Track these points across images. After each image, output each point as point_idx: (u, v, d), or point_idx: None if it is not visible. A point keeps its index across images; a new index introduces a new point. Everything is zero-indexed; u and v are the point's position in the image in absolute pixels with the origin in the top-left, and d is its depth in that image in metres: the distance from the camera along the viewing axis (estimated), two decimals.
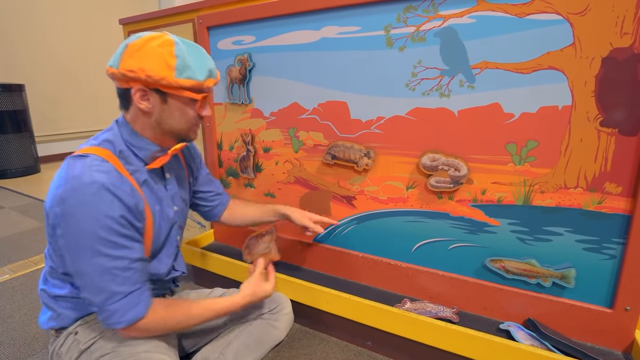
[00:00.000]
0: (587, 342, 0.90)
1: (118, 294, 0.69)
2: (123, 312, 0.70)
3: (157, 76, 0.70)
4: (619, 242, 0.83)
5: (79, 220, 0.66)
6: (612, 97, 0.78)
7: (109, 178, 0.69)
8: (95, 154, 0.72)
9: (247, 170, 1.34)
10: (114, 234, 0.68)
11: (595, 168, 0.82)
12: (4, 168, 3.35)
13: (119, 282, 0.69)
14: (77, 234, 0.67)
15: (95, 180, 0.67)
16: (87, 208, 0.66)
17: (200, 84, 0.74)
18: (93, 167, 0.69)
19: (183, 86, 0.73)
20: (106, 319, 0.70)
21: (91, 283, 0.68)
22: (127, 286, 0.70)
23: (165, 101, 0.75)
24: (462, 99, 0.92)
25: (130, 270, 0.70)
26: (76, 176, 0.67)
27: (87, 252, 0.67)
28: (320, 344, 1.13)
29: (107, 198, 0.67)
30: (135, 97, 0.73)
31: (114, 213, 0.68)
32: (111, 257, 0.68)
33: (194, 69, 0.72)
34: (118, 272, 0.69)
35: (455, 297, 1.03)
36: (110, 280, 0.68)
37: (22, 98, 3.38)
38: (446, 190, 0.98)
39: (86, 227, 0.66)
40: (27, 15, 3.76)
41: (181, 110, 0.77)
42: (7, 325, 1.24)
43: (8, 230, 2.13)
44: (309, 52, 1.11)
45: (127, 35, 1.65)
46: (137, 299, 0.71)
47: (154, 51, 0.71)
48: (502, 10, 0.84)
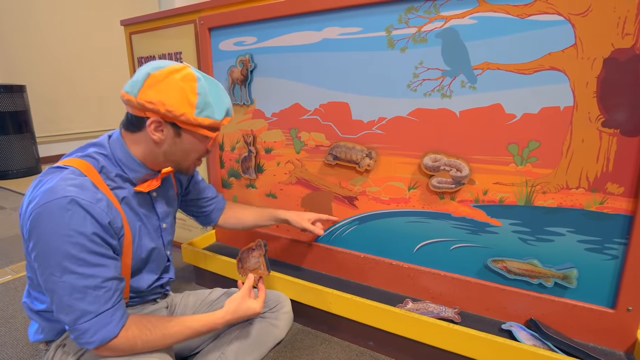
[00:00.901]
0: (589, 342, 0.90)
1: (89, 313, 0.65)
2: (94, 332, 0.66)
3: (177, 112, 0.70)
4: (621, 242, 0.83)
5: (50, 236, 0.63)
6: (614, 97, 0.78)
7: (83, 193, 0.66)
8: (74, 167, 0.70)
9: (248, 171, 1.35)
10: (84, 252, 0.65)
11: (597, 168, 0.82)
12: (6, 169, 3.35)
13: (90, 301, 0.66)
14: (47, 250, 0.64)
15: (68, 195, 0.64)
16: (58, 224, 0.63)
17: (218, 124, 0.75)
18: (68, 180, 0.67)
19: (201, 124, 0.73)
20: (77, 338, 0.67)
21: (61, 301, 0.65)
22: (98, 305, 0.66)
23: (179, 135, 0.75)
24: (463, 100, 0.92)
25: (102, 289, 0.67)
26: (50, 189, 0.65)
27: (57, 270, 0.64)
28: (322, 344, 1.13)
29: (79, 214, 0.65)
30: (150, 128, 0.73)
31: (85, 229, 0.65)
32: (82, 276, 0.65)
33: (213, 108, 0.73)
34: (89, 290, 0.65)
35: (457, 297, 1.03)
36: (80, 299, 0.65)
37: (23, 99, 3.38)
38: (448, 190, 0.98)
39: (57, 244, 0.63)
40: (28, 16, 3.77)
41: (193, 145, 0.77)
42: (10, 325, 1.25)
43: (10, 230, 2.13)
44: (310, 53, 1.11)
45: (128, 36, 1.65)
46: (109, 319, 0.67)
47: (177, 85, 0.70)
48: (504, 11, 0.84)
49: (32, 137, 3.51)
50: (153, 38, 1.56)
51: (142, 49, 1.62)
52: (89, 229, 0.65)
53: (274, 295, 1.05)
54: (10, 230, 2.14)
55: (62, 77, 4.10)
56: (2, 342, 1.16)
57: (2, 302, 1.38)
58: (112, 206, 0.72)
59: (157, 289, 0.92)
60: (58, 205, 0.63)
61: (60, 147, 4.20)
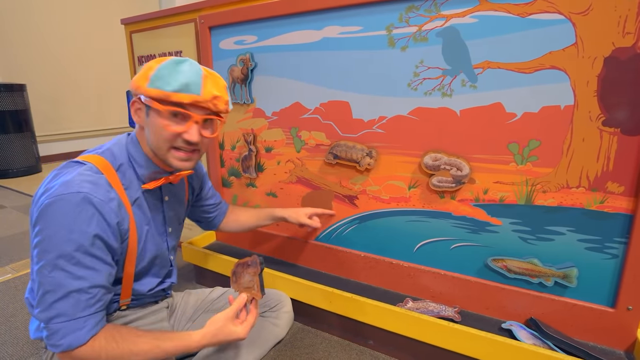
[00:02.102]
0: (589, 341, 0.90)
1: (64, 314, 0.63)
2: (63, 335, 0.64)
3: (135, 85, 0.71)
4: (621, 241, 0.83)
5: (53, 228, 0.63)
6: (614, 96, 0.78)
7: (96, 191, 0.66)
8: (92, 163, 0.71)
9: (249, 170, 1.35)
10: (81, 252, 0.64)
11: (597, 168, 0.82)
12: (6, 168, 3.35)
13: (70, 303, 0.64)
14: (47, 241, 0.63)
15: (81, 191, 0.64)
16: (65, 218, 0.63)
17: (166, 95, 0.69)
18: (84, 176, 0.67)
19: (150, 95, 0.70)
20: (47, 338, 0.64)
21: (43, 295, 0.64)
22: (76, 309, 0.64)
23: (148, 114, 0.73)
24: (464, 99, 0.92)
25: (86, 294, 0.65)
26: (66, 182, 0.65)
27: (50, 263, 0.63)
28: (322, 343, 1.13)
29: (87, 212, 0.64)
30: (132, 109, 0.74)
31: (89, 229, 0.64)
32: (71, 275, 0.64)
33: (165, 80, 0.69)
34: (73, 293, 0.64)
35: (457, 296, 1.03)
36: (61, 299, 0.63)
37: (24, 98, 3.38)
38: (448, 189, 0.98)
39: (57, 237, 0.63)
40: (28, 15, 3.77)
41: (156, 124, 0.72)
42: (10, 324, 1.25)
43: (10, 229, 2.13)
44: (310, 51, 1.11)
45: (129, 35, 1.65)
46: (82, 325, 0.65)
47: (148, 65, 0.72)
48: (505, 10, 0.84)
49: (33, 136, 3.51)
50: (153, 37, 1.56)
51: (143, 48, 1.62)
52: (93, 230, 0.65)
53: (275, 294, 1.06)
54: (10, 229, 2.14)
55: (62, 76, 4.10)
56: (3, 340, 1.17)
57: (3, 301, 1.38)
58: (123, 207, 0.72)
59: (159, 293, 0.92)
60: (69, 199, 0.63)
61: (61, 146, 4.20)
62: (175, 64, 0.70)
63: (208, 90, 0.72)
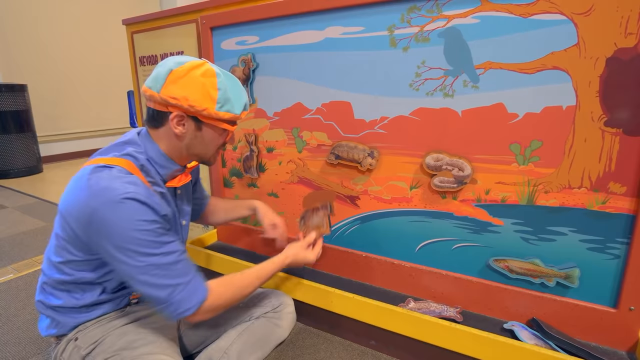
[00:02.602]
0: (591, 341, 0.90)
1: (178, 284, 0.71)
2: (188, 300, 0.72)
3: (199, 107, 0.73)
4: (623, 242, 0.83)
5: (122, 231, 0.67)
6: (616, 97, 0.78)
7: (138, 189, 0.70)
8: (120, 166, 0.73)
9: (250, 170, 1.35)
10: (156, 235, 0.70)
11: (599, 168, 0.82)
12: (7, 168, 3.36)
13: (177, 274, 0.72)
14: (122, 243, 0.68)
15: (128, 191, 0.68)
16: (127, 218, 0.67)
17: (236, 117, 0.78)
18: (122, 178, 0.70)
19: (222, 118, 0.77)
20: (174, 310, 0.72)
21: (151, 284, 0.70)
22: (185, 275, 0.72)
23: (200, 129, 0.78)
24: (466, 99, 0.92)
25: (182, 261, 0.73)
26: (106, 187, 0.68)
27: (138, 258, 0.69)
28: (324, 343, 1.13)
29: (140, 207, 0.69)
30: (172, 122, 0.76)
31: (150, 217, 0.70)
32: (163, 254, 0.71)
33: (233, 103, 0.76)
34: (172, 266, 0.71)
35: (459, 296, 1.03)
36: (167, 276, 0.71)
37: (25, 98, 3.39)
38: (450, 190, 0.98)
39: (129, 236, 0.68)
40: (29, 15, 3.77)
41: (213, 138, 0.80)
42: (12, 324, 1.25)
43: (11, 229, 2.14)
44: (312, 52, 1.11)
45: (130, 35, 1.65)
46: (196, 284, 0.74)
47: (198, 81, 0.73)
48: (506, 10, 0.85)
49: (34, 137, 3.52)
50: (155, 37, 1.56)
51: (144, 48, 1.62)
52: (153, 217, 0.71)
53: (277, 295, 1.05)
54: (11, 229, 2.15)
55: (63, 76, 4.11)
56: (5, 340, 1.17)
57: (5, 301, 1.39)
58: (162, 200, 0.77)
59: None
60: (121, 201, 0.67)
61: (62, 146, 4.21)
62: (235, 84, 0.78)
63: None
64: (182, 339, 0.97)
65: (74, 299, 0.78)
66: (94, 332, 0.79)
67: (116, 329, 0.80)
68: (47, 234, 2.06)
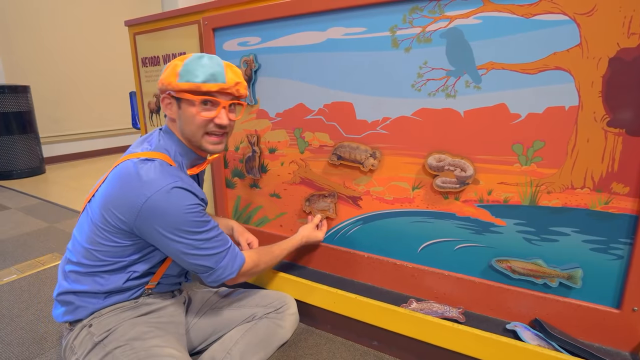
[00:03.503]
0: (594, 342, 0.90)
1: (222, 252, 0.84)
2: (231, 264, 0.86)
3: (165, 82, 0.81)
4: (626, 242, 0.83)
5: (174, 215, 0.77)
6: (619, 97, 0.78)
7: (183, 179, 0.80)
8: (160, 159, 0.81)
9: (252, 171, 1.35)
10: (200, 216, 0.80)
11: (602, 168, 0.82)
12: (10, 169, 3.37)
13: (220, 245, 0.84)
14: (175, 225, 0.77)
15: (176, 181, 0.77)
16: (177, 204, 0.77)
17: (197, 86, 0.79)
18: (164, 170, 0.79)
19: (182, 89, 0.80)
20: (219, 275, 0.85)
21: (201, 255, 0.82)
22: (224, 245, 0.85)
23: (180, 106, 0.83)
24: (468, 100, 0.92)
25: (220, 234, 0.85)
26: (157, 178, 0.77)
27: (189, 237, 0.79)
28: (326, 343, 1.13)
29: (187, 194, 0.79)
30: (163, 104, 0.85)
31: (194, 202, 0.79)
32: (208, 230, 0.82)
33: (193, 73, 0.79)
34: (215, 238, 0.83)
35: (462, 297, 1.03)
36: (213, 247, 0.83)
37: (28, 99, 3.40)
38: (452, 190, 0.98)
39: (181, 220, 0.77)
40: (32, 17, 3.79)
41: (191, 114, 0.83)
42: (15, 324, 1.26)
43: (14, 230, 2.15)
44: (314, 53, 1.12)
45: (132, 36, 1.66)
46: (234, 251, 0.88)
47: (173, 63, 0.81)
48: (509, 10, 0.84)
49: (36, 138, 3.53)
50: (157, 38, 1.57)
51: (146, 50, 1.63)
52: (196, 201, 0.80)
53: (280, 296, 1.06)
54: (15, 230, 2.15)
55: (66, 77, 4.13)
56: (9, 340, 1.17)
57: (8, 302, 1.39)
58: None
59: (182, 278, 1.00)
60: (172, 190, 0.77)
61: (64, 147, 4.23)
62: (198, 59, 0.81)
63: (230, 78, 0.83)
64: (188, 333, 0.98)
65: (99, 284, 0.83)
66: (109, 320, 0.83)
67: (129, 320, 0.84)
68: (50, 235, 2.07)
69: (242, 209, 1.44)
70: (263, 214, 1.38)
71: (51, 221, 2.28)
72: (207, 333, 1.00)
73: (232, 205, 1.47)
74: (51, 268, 1.67)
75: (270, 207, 1.35)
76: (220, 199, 1.47)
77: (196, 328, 1.00)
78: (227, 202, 1.48)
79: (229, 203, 1.47)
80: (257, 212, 1.39)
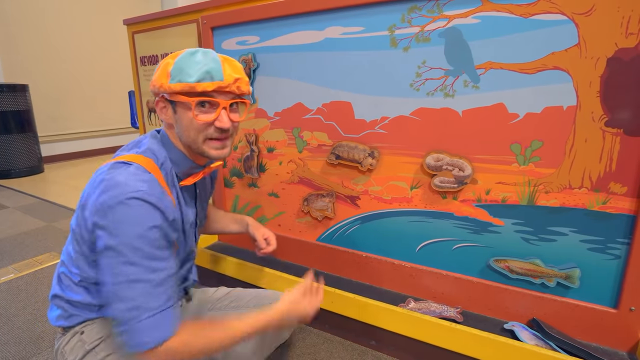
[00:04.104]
0: (591, 342, 0.90)
1: (147, 309, 0.62)
2: (149, 332, 0.62)
3: (157, 84, 0.71)
4: (623, 242, 0.83)
5: (121, 229, 0.63)
6: (617, 97, 0.78)
7: (151, 189, 0.67)
8: (138, 163, 0.71)
9: (251, 170, 1.35)
10: (150, 245, 0.64)
11: (600, 168, 0.82)
12: (8, 168, 3.36)
13: (152, 297, 0.63)
14: (114, 242, 0.63)
15: (139, 190, 0.64)
16: (130, 218, 0.63)
17: (191, 87, 0.69)
18: (137, 175, 0.67)
19: (175, 90, 0.70)
20: (130, 339, 0.63)
21: (120, 297, 0.63)
22: (159, 302, 0.64)
23: (175, 111, 0.74)
24: (466, 99, 0.92)
25: (163, 286, 0.65)
26: (119, 184, 0.65)
27: (122, 262, 0.63)
28: (324, 343, 1.13)
29: (149, 209, 0.65)
30: (157, 109, 0.75)
31: (155, 223, 0.65)
32: (147, 269, 0.63)
33: (186, 72, 0.69)
34: (152, 286, 0.63)
35: (460, 296, 1.03)
36: (140, 295, 0.62)
37: (26, 98, 3.39)
38: (450, 190, 0.98)
39: (127, 237, 0.63)
40: (31, 15, 3.78)
41: (188, 119, 0.72)
42: (12, 324, 1.25)
43: (12, 229, 2.14)
44: (313, 52, 1.12)
45: (131, 35, 1.66)
46: (165, 318, 0.64)
47: (165, 62, 0.72)
48: (507, 10, 0.84)
49: (35, 137, 3.52)
50: (156, 37, 1.56)
51: (145, 48, 1.62)
52: (158, 224, 0.66)
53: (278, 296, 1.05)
54: (12, 229, 2.15)
55: (64, 76, 4.12)
56: (5, 340, 1.17)
57: (5, 301, 1.39)
58: (172, 203, 0.74)
59: (181, 289, 0.93)
60: (130, 201, 0.64)
61: (63, 146, 4.22)
62: (190, 55, 0.71)
63: (229, 74, 0.72)
64: None
65: (90, 297, 0.77)
66: (101, 327, 0.79)
67: None
68: (48, 234, 2.06)
69: (240, 208, 1.44)
70: (261, 213, 1.38)
71: (49, 220, 2.28)
72: None
73: (230, 204, 1.46)
74: (49, 267, 1.66)
75: (269, 207, 1.35)
76: (219, 199, 1.47)
77: None
78: (226, 202, 1.47)
79: (227, 202, 1.47)
80: (255, 211, 1.39)
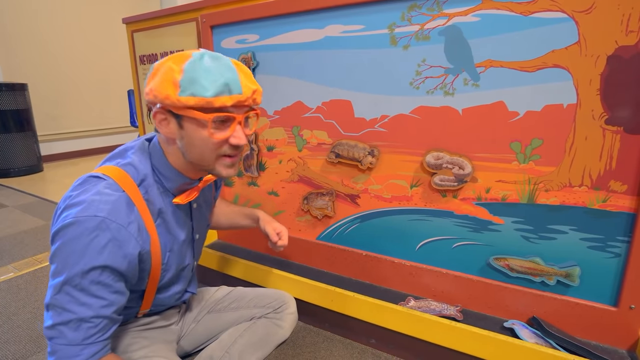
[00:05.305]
0: (591, 340, 0.90)
1: (63, 337, 0.60)
2: (60, 357, 0.61)
3: (161, 95, 0.62)
4: (623, 240, 0.83)
5: (65, 251, 0.60)
6: (617, 95, 0.78)
7: (115, 213, 0.61)
8: (112, 179, 0.65)
9: (250, 169, 1.35)
10: (88, 279, 0.60)
11: (600, 166, 0.82)
12: (7, 167, 3.36)
13: (71, 328, 0.60)
14: (58, 262, 0.60)
15: (99, 215, 0.60)
16: (78, 242, 0.59)
17: (208, 102, 0.61)
18: (104, 195, 0.62)
19: (187, 105, 0.61)
20: (49, 354, 0.62)
21: (48, 312, 0.62)
22: (76, 336, 0.61)
23: (182, 126, 0.65)
24: (466, 98, 0.92)
25: (88, 323, 0.61)
26: (84, 203, 0.61)
27: (58, 285, 0.60)
28: (324, 342, 1.13)
29: (102, 238, 0.60)
30: (155, 120, 0.66)
31: (100, 257, 0.60)
32: (76, 301, 0.60)
33: (201, 84, 0.60)
34: (75, 320, 0.60)
35: (459, 295, 1.03)
36: (63, 323, 0.60)
37: (25, 97, 3.39)
38: (450, 188, 0.98)
39: (67, 261, 0.59)
40: (29, 14, 3.77)
41: (199, 136, 0.64)
42: (12, 323, 1.25)
43: (12, 228, 2.14)
44: (312, 50, 1.11)
45: (130, 34, 1.65)
46: (78, 352, 0.61)
47: (166, 66, 0.63)
48: (507, 8, 0.84)
49: (34, 136, 3.52)
50: (155, 36, 1.56)
51: (144, 47, 1.62)
52: (105, 259, 0.60)
53: (279, 295, 1.05)
54: (12, 228, 2.15)
55: (63, 75, 4.11)
56: (5, 339, 1.17)
57: (5, 300, 1.39)
58: (144, 229, 0.67)
59: (178, 302, 0.92)
60: (86, 222, 0.59)
61: (62, 145, 4.21)
62: (199, 61, 0.62)
63: (246, 85, 0.65)
64: (185, 339, 0.97)
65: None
66: None
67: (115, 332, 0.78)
68: (48, 233, 2.06)
69: None
70: None
71: (48, 219, 2.28)
72: (205, 337, 0.99)
73: None
74: (48, 266, 1.66)
75: (268, 205, 1.35)
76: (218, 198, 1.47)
77: (194, 333, 0.98)
78: None
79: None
80: None
